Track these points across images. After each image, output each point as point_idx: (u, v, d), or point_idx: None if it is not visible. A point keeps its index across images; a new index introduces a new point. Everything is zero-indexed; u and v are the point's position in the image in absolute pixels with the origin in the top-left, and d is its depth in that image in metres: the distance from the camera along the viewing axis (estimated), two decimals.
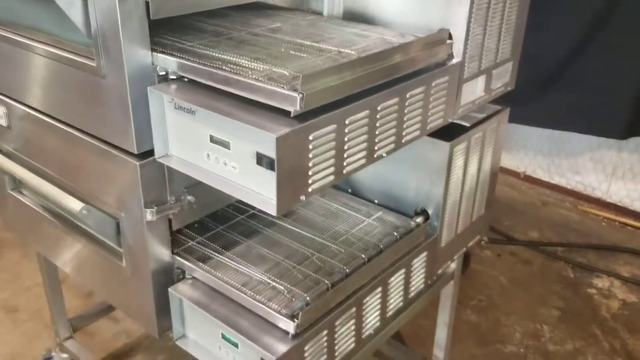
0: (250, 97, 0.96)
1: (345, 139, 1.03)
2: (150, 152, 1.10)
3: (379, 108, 1.08)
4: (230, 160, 1.00)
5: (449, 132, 1.36)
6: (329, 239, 1.36)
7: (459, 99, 1.30)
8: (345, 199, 1.54)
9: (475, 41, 1.27)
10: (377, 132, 1.10)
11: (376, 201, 1.52)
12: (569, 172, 3.08)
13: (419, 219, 1.42)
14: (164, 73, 1.07)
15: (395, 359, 1.95)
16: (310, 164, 0.97)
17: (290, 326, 1.09)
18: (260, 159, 0.94)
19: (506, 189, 3.21)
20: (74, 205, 1.17)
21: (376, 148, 1.11)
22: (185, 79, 1.06)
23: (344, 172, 1.06)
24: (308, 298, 1.14)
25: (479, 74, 1.33)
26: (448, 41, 1.21)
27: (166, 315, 1.27)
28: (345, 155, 1.04)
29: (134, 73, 1.03)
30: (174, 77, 1.07)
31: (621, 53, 2.57)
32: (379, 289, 1.30)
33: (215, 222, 1.40)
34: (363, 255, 1.28)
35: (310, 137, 0.95)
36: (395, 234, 1.37)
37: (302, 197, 0.98)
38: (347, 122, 1.01)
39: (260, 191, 0.97)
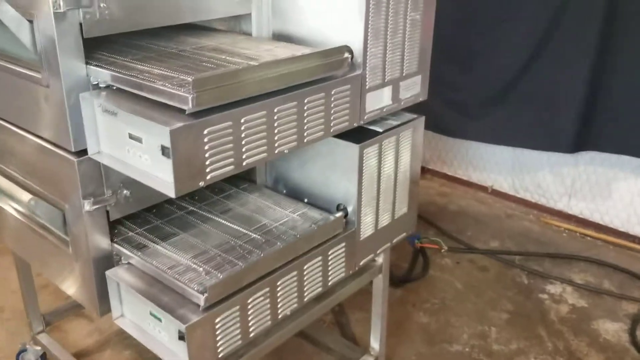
0: (158, 99, 1.15)
1: (243, 135, 1.21)
2: (87, 151, 1.30)
3: (275, 110, 1.26)
4: (143, 153, 1.18)
5: (362, 136, 1.54)
6: (254, 230, 1.53)
7: (364, 106, 1.48)
8: (279, 198, 1.71)
9: (376, 56, 1.46)
10: (276, 131, 1.28)
11: (306, 200, 1.69)
12: (531, 185, 3.21)
13: (339, 214, 1.59)
14: (96, 82, 1.27)
15: (339, 352, 2.10)
16: (207, 155, 1.15)
17: (200, 299, 1.26)
18: (164, 150, 1.13)
19: (474, 203, 3.34)
20: (24, 197, 1.37)
21: (276, 145, 1.29)
22: (114, 87, 1.26)
23: (244, 164, 1.24)
24: (220, 276, 1.31)
25: (384, 85, 1.52)
26: (346, 55, 1.40)
27: (107, 298, 1.44)
28: (244, 150, 1.23)
29: (70, 82, 1.24)
30: (104, 85, 1.27)
31: (564, 71, 2.73)
32: (294, 273, 1.46)
33: (156, 217, 1.59)
34: (279, 243, 1.45)
35: (205, 132, 1.14)
36: (313, 226, 1.54)
37: (201, 183, 1.16)
38: (242, 120, 1.20)
39: (163, 177, 1.15)
